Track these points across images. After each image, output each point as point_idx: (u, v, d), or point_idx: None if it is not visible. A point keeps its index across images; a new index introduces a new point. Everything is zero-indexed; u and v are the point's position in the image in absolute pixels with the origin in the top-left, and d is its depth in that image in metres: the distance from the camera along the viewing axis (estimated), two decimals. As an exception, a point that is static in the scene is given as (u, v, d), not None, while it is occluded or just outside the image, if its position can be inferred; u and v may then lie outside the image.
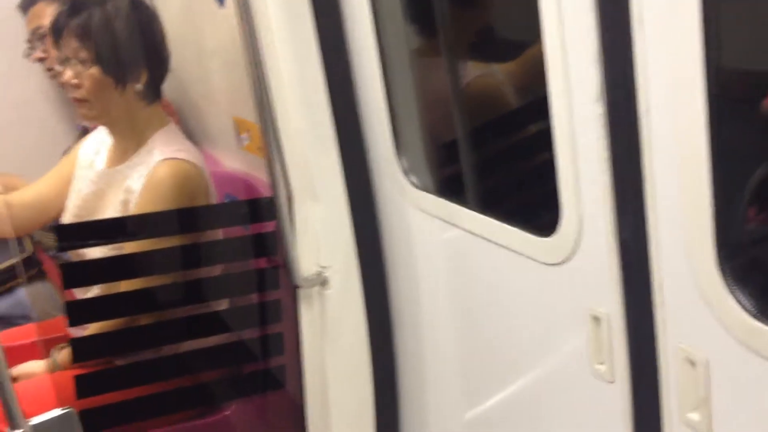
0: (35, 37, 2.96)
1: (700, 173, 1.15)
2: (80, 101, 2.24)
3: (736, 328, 1.17)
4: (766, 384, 1.16)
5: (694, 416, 1.28)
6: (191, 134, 2.71)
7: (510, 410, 1.80)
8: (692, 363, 1.25)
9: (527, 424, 1.75)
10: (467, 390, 1.95)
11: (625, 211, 1.31)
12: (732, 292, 1.16)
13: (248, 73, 1.89)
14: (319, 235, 2.05)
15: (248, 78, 1.91)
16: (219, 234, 2.34)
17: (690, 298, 1.22)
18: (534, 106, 1.52)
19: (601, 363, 1.44)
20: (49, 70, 2.91)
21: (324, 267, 2.06)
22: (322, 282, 2.07)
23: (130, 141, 2.31)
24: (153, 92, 2.28)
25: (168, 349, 2.31)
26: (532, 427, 1.73)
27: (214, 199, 2.35)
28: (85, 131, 2.78)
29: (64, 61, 2.22)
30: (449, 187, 1.87)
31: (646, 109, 1.20)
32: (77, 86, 2.21)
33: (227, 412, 2.32)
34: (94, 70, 2.19)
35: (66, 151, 2.67)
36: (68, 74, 2.21)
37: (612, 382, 1.43)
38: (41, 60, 3.00)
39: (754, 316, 1.14)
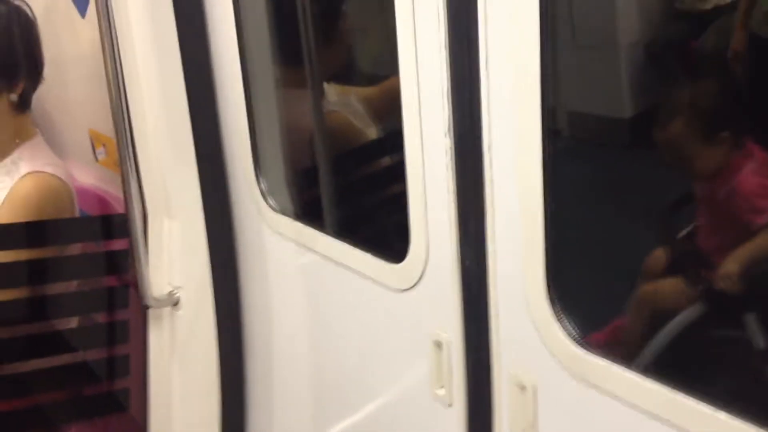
0: None
1: (535, 208, 1.23)
2: None
3: (561, 354, 1.25)
4: (587, 407, 1.24)
5: (523, 439, 1.35)
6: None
7: (355, 434, 1.82)
8: (522, 388, 1.32)
9: (371, 449, 1.78)
10: (315, 415, 1.96)
11: (467, 241, 1.37)
12: (559, 321, 1.24)
13: (107, 85, 1.85)
14: (173, 255, 2.01)
15: (107, 90, 1.86)
16: (72, 250, 2.25)
17: (522, 325, 1.29)
18: (389, 138, 1.58)
19: (441, 387, 1.50)
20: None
21: (176, 287, 2.02)
22: (174, 303, 2.03)
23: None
24: (25, 102, 2.21)
25: (7, 368, 2.19)
26: (376, 451, 1.77)
27: (77, 215, 2.27)
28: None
29: None
30: (306, 212, 1.89)
31: (488, 145, 1.27)
32: None
33: (65, 436, 2.21)
34: None
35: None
36: None
37: (450, 406, 1.49)
38: None
39: (578, 344, 1.23)
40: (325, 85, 2.07)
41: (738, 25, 1.37)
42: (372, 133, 1.98)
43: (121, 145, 1.88)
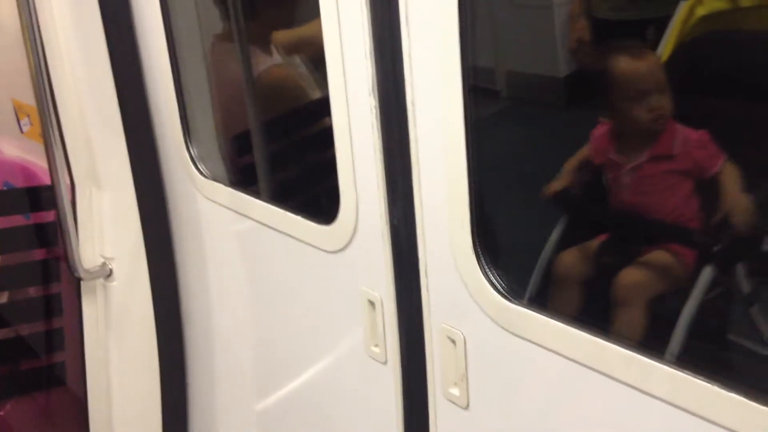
0: None
1: (460, 165, 1.24)
2: None
3: (489, 307, 1.27)
4: (515, 356, 1.27)
5: (455, 391, 1.38)
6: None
7: (296, 396, 1.84)
8: (453, 341, 1.35)
9: (312, 408, 1.80)
10: (256, 378, 1.96)
11: (395, 200, 1.38)
12: (486, 274, 1.27)
13: (26, 52, 1.80)
14: (103, 225, 1.98)
15: (27, 58, 1.81)
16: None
17: (450, 280, 1.31)
18: (317, 102, 1.57)
19: (376, 345, 1.51)
20: None
21: (108, 258, 2.00)
22: (106, 274, 2.00)
23: None
24: None
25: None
26: (317, 410, 1.78)
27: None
28: None
29: None
30: (239, 178, 1.88)
31: (412, 104, 1.28)
32: None
33: (1, 412, 2.18)
34: None
35: None
36: None
37: (385, 363, 1.51)
38: None
39: (504, 296, 1.25)
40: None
41: (576, 14, 1.40)
42: (311, 94, 1.96)
43: (43, 114, 1.83)
